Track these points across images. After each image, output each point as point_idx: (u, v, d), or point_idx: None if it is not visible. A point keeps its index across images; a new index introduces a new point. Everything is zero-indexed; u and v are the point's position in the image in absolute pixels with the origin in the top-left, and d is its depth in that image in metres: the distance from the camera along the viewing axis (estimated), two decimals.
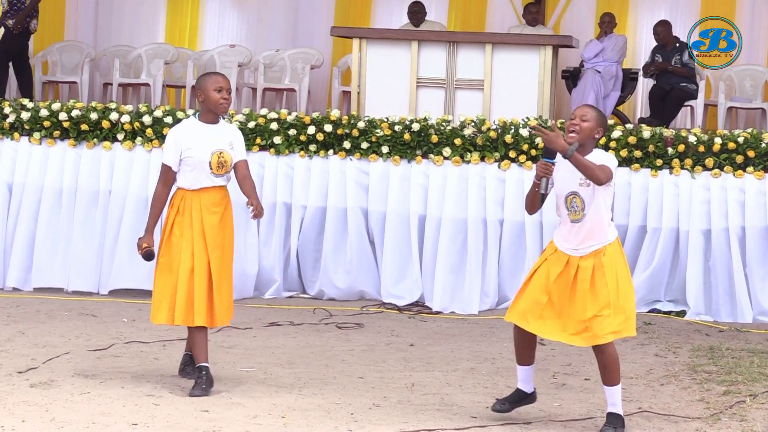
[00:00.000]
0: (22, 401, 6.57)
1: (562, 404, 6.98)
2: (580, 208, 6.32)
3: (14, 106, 10.48)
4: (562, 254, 6.38)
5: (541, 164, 6.33)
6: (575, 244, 6.34)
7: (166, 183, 7.04)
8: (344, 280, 10.20)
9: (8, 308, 9.40)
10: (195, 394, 6.82)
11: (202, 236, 6.96)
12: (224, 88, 6.97)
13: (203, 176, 6.97)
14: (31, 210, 10.30)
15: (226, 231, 7.09)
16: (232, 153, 7.04)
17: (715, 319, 9.84)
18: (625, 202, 10.01)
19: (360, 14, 15.03)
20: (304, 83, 13.94)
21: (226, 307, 7.09)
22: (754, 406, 6.94)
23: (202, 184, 6.98)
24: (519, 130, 10.08)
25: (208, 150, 6.96)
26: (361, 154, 10.21)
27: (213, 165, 6.97)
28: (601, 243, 6.33)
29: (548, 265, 6.41)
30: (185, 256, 6.94)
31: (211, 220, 6.99)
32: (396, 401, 6.90)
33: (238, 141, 7.13)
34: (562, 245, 6.40)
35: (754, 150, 9.93)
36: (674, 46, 13.08)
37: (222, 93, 6.95)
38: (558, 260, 6.39)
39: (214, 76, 7.07)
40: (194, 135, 6.98)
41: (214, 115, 7.03)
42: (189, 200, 6.99)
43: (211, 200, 7.00)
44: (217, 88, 6.95)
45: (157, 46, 14.73)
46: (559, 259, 6.39)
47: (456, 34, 12.14)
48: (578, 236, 6.33)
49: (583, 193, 6.30)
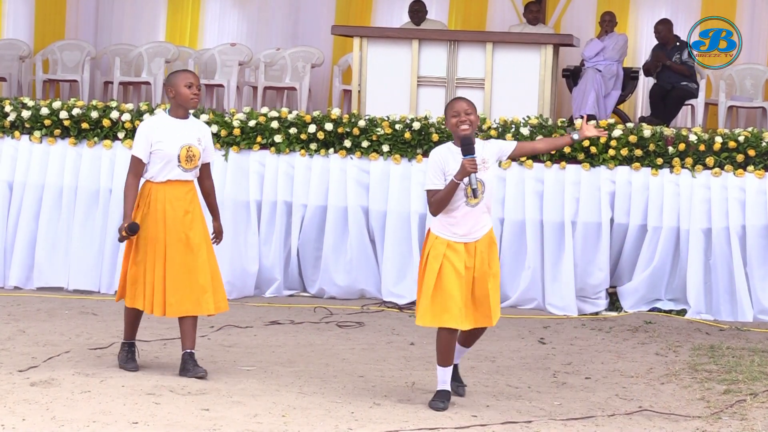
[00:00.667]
0: (23, 400, 6.57)
1: (562, 403, 6.98)
2: (480, 191, 6.63)
3: (15, 105, 10.48)
4: (457, 244, 6.63)
5: (468, 161, 6.57)
6: (469, 229, 6.65)
7: (136, 174, 7.28)
8: (345, 278, 10.20)
9: (9, 307, 9.40)
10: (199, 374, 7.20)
11: (163, 229, 7.21)
12: (194, 84, 7.29)
13: (171, 169, 7.24)
14: (32, 209, 10.30)
15: (193, 225, 7.27)
16: (200, 148, 7.29)
17: (716, 318, 9.84)
18: (625, 201, 10.01)
19: (361, 13, 15.03)
20: (305, 82, 13.94)
21: (213, 297, 7.25)
22: (755, 404, 6.94)
23: (169, 177, 7.25)
24: (520, 129, 10.08)
25: (178, 144, 7.22)
26: (361, 152, 10.21)
27: (182, 158, 7.23)
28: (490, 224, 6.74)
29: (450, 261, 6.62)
30: (151, 249, 7.22)
31: (174, 214, 7.23)
32: (396, 400, 6.91)
33: (206, 137, 7.40)
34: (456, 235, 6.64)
35: (754, 149, 9.93)
36: (674, 44, 13.09)
37: (192, 89, 7.28)
38: (457, 252, 6.62)
39: (184, 72, 7.39)
40: (164, 129, 7.26)
41: (184, 111, 7.33)
42: (155, 193, 7.25)
43: (175, 194, 7.25)
44: (187, 84, 7.27)
45: (157, 44, 14.73)
46: (457, 251, 6.63)
47: (457, 32, 12.14)
48: (475, 220, 6.65)
49: (484, 177, 6.67)
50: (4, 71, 13.94)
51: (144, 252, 7.22)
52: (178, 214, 7.23)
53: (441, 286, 6.61)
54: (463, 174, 6.56)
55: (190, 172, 7.29)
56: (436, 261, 6.64)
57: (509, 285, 10.04)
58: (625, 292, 10.07)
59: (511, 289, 10.06)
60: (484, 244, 6.70)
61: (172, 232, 7.22)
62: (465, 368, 7.83)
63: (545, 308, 9.98)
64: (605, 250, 9.96)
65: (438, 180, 6.68)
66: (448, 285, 6.60)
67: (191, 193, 7.32)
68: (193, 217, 7.28)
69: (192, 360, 7.27)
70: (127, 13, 15.41)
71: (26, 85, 14.22)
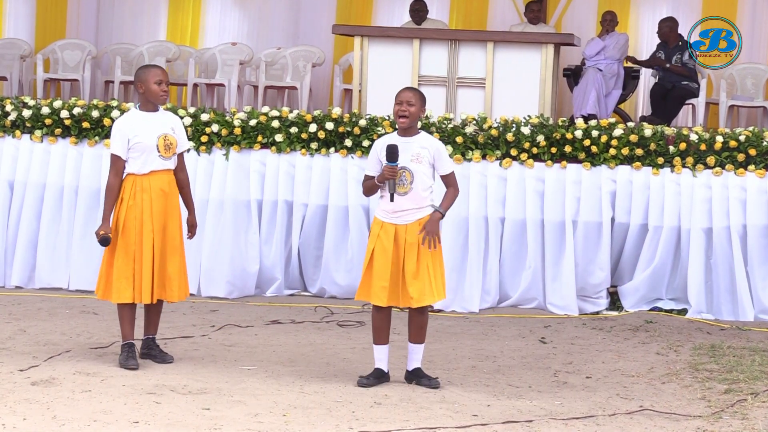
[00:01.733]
0: (24, 399, 6.57)
1: (563, 402, 6.98)
2: (409, 182, 7.10)
3: (15, 104, 10.47)
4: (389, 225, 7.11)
5: (388, 168, 7.06)
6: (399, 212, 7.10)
7: (117, 173, 7.49)
8: (346, 278, 10.19)
9: (10, 306, 9.40)
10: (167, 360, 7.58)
11: (150, 219, 7.43)
12: (164, 81, 7.50)
13: (152, 159, 7.46)
14: (33, 208, 10.30)
15: (171, 213, 7.53)
16: (175, 136, 7.53)
17: (717, 318, 9.84)
18: (626, 201, 10.01)
19: (361, 12, 15.04)
20: (306, 81, 13.94)
21: (177, 285, 7.53)
22: (756, 404, 6.94)
23: (152, 167, 7.46)
24: (520, 128, 10.08)
25: (154, 134, 7.45)
26: (362, 152, 10.21)
27: (160, 147, 7.46)
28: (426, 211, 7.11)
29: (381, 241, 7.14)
30: (138, 239, 7.42)
31: (158, 202, 7.46)
32: (397, 399, 6.90)
33: (179, 126, 7.66)
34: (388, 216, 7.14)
35: (755, 148, 9.93)
36: (677, 44, 13.08)
37: (162, 85, 7.48)
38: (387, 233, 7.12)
39: (154, 69, 7.57)
40: (138, 123, 7.48)
41: (153, 105, 7.55)
42: (139, 184, 7.46)
43: (159, 184, 7.47)
44: (157, 81, 7.48)
45: (158, 43, 14.73)
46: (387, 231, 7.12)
47: (457, 32, 12.14)
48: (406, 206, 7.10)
49: (416, 169, 7.09)
50: (5, 70, 13.95)
51: (132, 243, 7.41)
52: (161, 202, 7.47)
53: (371, 264, 7.15)
54: (382, 178, 7.11)
55: (169, 161, 7.53)
56: (371, 241, 7.20)
57: (510, 284, 10.04)
58: (626, 291, 10.06)
59: (512, 288, 10.06)
60: (415, 228, 7.08)
61: (157, 221, 7.45)
62: (466, 367, 7.83)
63: (546, 308, 9.98)
64: (606, 249, 9.96)
65: (373, 167, 7.21)
66: (376, 263, 7.12)
67: (172, 182, 7.55)
68: (172, 206, 7.55)
69: (155, 345, 7.64)
70: (128, 12, 15.41)
71: (27, 84, 14.23)
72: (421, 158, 7.11)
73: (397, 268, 7.11)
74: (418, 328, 7.28)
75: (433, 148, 7.17)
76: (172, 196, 7.54)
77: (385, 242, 7.12)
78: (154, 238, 7.43)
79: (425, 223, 7.08)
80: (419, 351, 7.31)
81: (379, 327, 7.28)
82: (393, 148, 7.07)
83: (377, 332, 7.29)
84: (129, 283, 7.44)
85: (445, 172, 7.24)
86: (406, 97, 7.17)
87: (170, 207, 7.53)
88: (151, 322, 7.69)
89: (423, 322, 7.27)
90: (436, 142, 7.25)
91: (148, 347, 7.64)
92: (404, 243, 7.10)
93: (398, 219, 7.13)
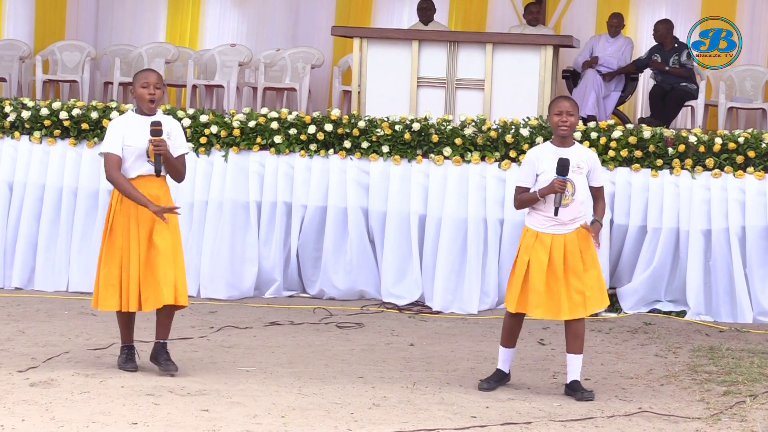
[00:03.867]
0: (22, 400, 6.57)
1: (562, 404, 6.97)
2: (571, 193, 6.99)
3: (15, 105, 10.47)
4: (545, 236, 7.03)
5: (559, 182, 6.93)
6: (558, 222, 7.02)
7: (115, 167, 7.28)
8: (344, 279, 10.20)
9: (8, 307, 9.40)
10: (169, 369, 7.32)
11: (137, 225, 7.27)
12: (151, 84, 7.32)
13: (140, 164, 7.30)
14: (32, 209, 10.29)
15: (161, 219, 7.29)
16: (170, 143, 7.33)
17: (715, 320, 9.84)
18: (625, 202, 10.01)
19: (361, 14, 15.04)
20: (305, 82, 13.95)
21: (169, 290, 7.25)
22: (755, 406, 6.94)
23: (139, 172, 7.30)
24: (519, 130, 10.08)
25: (145, 138, 7.28)
26: (361, 153, 10.21)
27: (150, 152, 7.27)
28: (583, 220, 7.07)
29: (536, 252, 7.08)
30: (125, 245, 7.27)
31: (145, 210, 7.26)
32: (396, 401, 6.91)
33: (175, 131, 7.45)
34: (544, 227, 7.06)
35: (754, 150, 9.93)
36: (673, 46, 13.08)
37: (149, 88, 7.31)
38: (543, 244, 7.03)
39: (143, 72, 7.42)
40: (132, 125, 7.35)
41: (148, 109, 7.37)
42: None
43: (147, 189, 7.28)
44: (143, 84, 7.32)
45: (157, 45, 14.73)
46: (543, 243, 7.03)
47: (457, 33, 12.14)
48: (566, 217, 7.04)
49: (577, 180, 7.02)
50: (4, 72, 13.94)
51: (119, 250, 7.28)
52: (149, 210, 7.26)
53: (527, 276, 7.07)
54: (550, 191, 6.98)
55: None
56: (525, 252, 7.10)
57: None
58: (625, 293, 10.06)
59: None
60: (574, 238, 7.03)
61: (143, 227, 7.27)
62: (465, 369, 7.84)
63: None
64: (605, 251, 9.96)
65: (528, 178, 7.10)
66: (532, 274, 7.04)
67: (163, 188, 7.38)
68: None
69: (163, 351, 7.41)
70: (127, 13, 15.41)
71: (26, 85, 14.23)
72: (581, 169, 7.03)
73: (555, 278, 7.02)
74: (574, 338, 7.12)
75: (591, 160, 7.11)
76: (163, 202, 7.30)
77: (541, 254, 7.02)
78: (139, 245, 7.25)
79: (591, 228, 7.05)
80: (574, 362, 7.14)
81: (511, 331, 7.26)
82: (565, 162, 6.95)
83: (508, 335, 7.26)
84: (115, 290, 7.29)
85: (599, 184, 7.18)
86: (566, 107, 7.01)
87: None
88: (160, 327, 7.46)
89: (579, 331, 7.10)
90: (593, 154, 7.19)
91: (156, 353, 7.43)
92: (563, 252, 7.00)
93: (556, 229, 7.02)
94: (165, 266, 7.27)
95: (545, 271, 7.00)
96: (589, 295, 7.04)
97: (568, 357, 7.16)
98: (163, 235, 7.29)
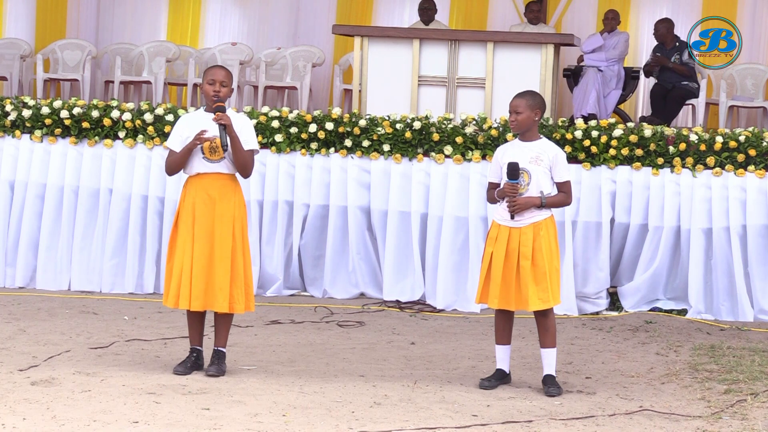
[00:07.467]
0: (23, 399, 6.57)
1: (563, 402, 6.98)
2: (526, 182, 7.11)
3: (15, 104, 10.47)
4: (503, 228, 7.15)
5: (509, 186, 7.09)
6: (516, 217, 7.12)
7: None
8: (346, 278, 10.20)
9: (9, 306, 9.40)
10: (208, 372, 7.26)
11: (192, 223, 7.19)
12: (216, 81, 7.18)
13: (197, 161, 7.21)
14: (33, 208, 10.29)
15: (220, 220, 7.20)
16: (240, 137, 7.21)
17: (716, 318, 9.84)
18: (626, 201, 10.01)
19: (362, 12, 15.04)
20: (306, 81, 13.95)
21: (225, 295, 7.19)
22: (755, 404, 6.94)
23: (197, 170, 7.23)
24: None
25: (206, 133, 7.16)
26: (362, 152, 10.21)
27: (205, 150, 7.17)
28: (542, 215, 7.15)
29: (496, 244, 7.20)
30: (185, 240, 7.20)
31: (203, 206, 7.18)
32: (397, 399, 6.91)
33: (244, 128, 7.27)
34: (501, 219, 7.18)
35: (755, 149, 9.93)
36: (674, 45, 13.09)
37: (215, 85, 7.17)
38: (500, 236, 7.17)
39: (211, 69, 7.30)
40: (196, 122, 7.27)
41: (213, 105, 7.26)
42: (188, 186, 7.28)
43: (204, 188, 7.20)
44: (209, 81, 7.21)
45: (158, 43, 14.74)
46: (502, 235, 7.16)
47: (457, 32, 12.13)
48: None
49: (534, 170, 7.11)
50: (5, 70, 13.95)
51: (180, 244, 7.21)
52: (207, 207, 7.18)
53: (489, 269, 7.20)
54: (502, 194, 7.13)
55: (216, 164, 7.19)
56: (489, 245, 7.24)
57: None
58: (626, 291, 10.07)
59: None
60: (530, 232, 7.12)
61: (200, 226, 7.18)
62: (466, 367, 7.84)
63: None
64: (606, 249, 9.96)
65: (494, 174, 7.29)
66: (493, 267, 7.17)
67: (224, 187, 7.23)
68: (221, 213, 7.20)
69: (214, 356, 7.33)
70: (128, 12, 15.42)
71: (27, 84, 14.23)
72: (540, 161, 7.12)
73: (510, 272, 7.12)
74: (544, 332, 7.27)
75: (552, 154, 7.17)
76: (222, 202, 7.19)
77: (500, 246, 7.14)
78: (194, 244, 7.16)
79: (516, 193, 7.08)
80: (548, 356, 7.27)
81: (499, 327, 7.36)
82: (514, 165, 7.07)
83: (497, 332, 7.37)
84: (175, 286, 7.21)
85: (561, 179, 7.22)
86: (513, 105, 7.26)
87: (218, 213, 7.18)
88: (216, 333, 7.38)
89: (547, 325, 7.25)
90: (556, 149, 7.24)
91: (212, 358, 7.37)
92: (518, 246, 7.10)
93: (513, 222, 7.13)
94: (221, 272, 7.18)
95: (503, 262, 7.13)
96: (538, 288, 7.12)
97: (541, 351, 7.32)
98: (223, 236, 7.19)
